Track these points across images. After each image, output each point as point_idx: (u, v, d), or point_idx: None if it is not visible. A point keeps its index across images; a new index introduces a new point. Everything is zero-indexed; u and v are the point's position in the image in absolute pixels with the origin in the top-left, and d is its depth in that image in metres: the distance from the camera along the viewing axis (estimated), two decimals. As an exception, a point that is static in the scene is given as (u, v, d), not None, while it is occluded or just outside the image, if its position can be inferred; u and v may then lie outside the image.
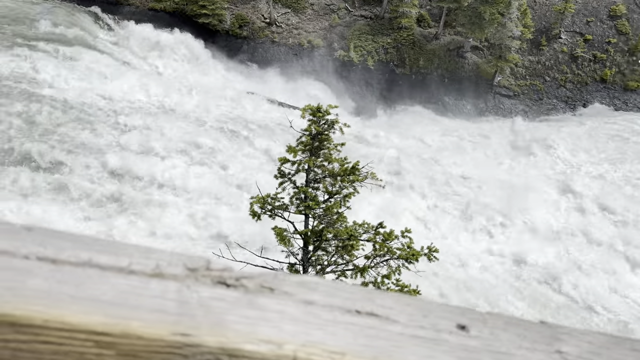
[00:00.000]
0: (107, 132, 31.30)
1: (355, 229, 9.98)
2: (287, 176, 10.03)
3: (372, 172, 10.14)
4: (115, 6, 43.77)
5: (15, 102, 31.11)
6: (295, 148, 9.62)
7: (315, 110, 9.53)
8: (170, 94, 36.58)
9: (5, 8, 40.48)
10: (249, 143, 29.94)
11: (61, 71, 35.23)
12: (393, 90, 42.36)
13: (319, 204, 9.88)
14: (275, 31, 43.57)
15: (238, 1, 44.15)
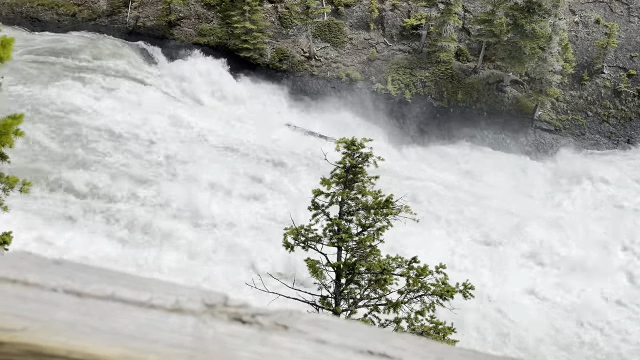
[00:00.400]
0: (148, 162, 32.09)
1: (388, 263, 9.90)
2: (321, 208, 10.07)
3: (407, 206, 10.09)
4: (160, 40, 45.32)
5: (62, 131, 32.35)
6: (329, 180, 9.68)
7: (350, 144, 9.61)
8: (211, 125, 37.42)
9: (56, 41, 42.43)
10: (285, 174, 30.19)
11: (106, 102, 36.55)
12: (430, 124, 42.25)
13: (352, 237, 9.87)
14: (314, 65, 44.25)
15: (279, 36, 45.13)
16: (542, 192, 36.43)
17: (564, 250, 28.67)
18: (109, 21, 46.52)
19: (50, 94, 34.95)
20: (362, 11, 44.54)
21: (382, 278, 9.75)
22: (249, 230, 25.78)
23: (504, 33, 39.85)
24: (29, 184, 5.08)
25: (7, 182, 4.90)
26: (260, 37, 43.39)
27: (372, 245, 10.01)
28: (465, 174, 36.97)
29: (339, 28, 44.62)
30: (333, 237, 9.89)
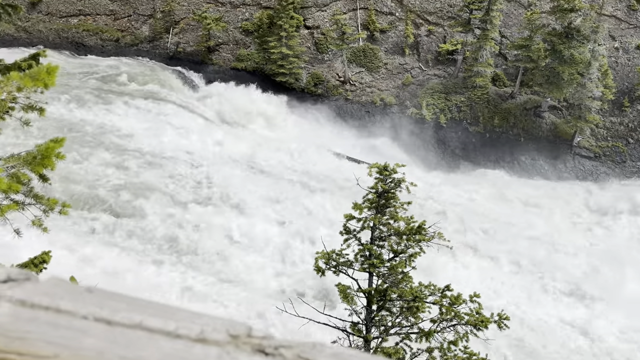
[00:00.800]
0: (187, 184, 32.56)
1: (420, 290, 9.75)
2: (353, 233, 10.03)
3: (440, 232, 9.97)
4: (199, 65, 46.40)
5: (103, 152, 33.19)
6: (361, 205, 9.66)
7: (382, 169, 9.59)
8: (247, 148, 37.87)
9: (101, 66, 43.87)
10: (316, 196, 30.21)
11: (147, 125, 37.42)
12: (466, 148, 41.86)
13: (383, 263, 9.78)
14: (349, 89, 44.55)
15: (314, 61, 45.68)
16: (583, 220, 35.46)
17: (604, 282, 27.71)
18: (151, 46, 47.94)
19: (91, 116, 36.00)
20: (398, 37, 44.78)
21: (414, 306, 9.60)
22: (279, 253, 25.81)
23: (542, 58, 39.42)
24: (68, 205, 5.25)
25: (48, 203, 5.07)
26: (296, 62, 44.01)
27: (404, 272, 9.90)
28: (501, 200, 36.34)
29: (374, 53, 44.91)
30: (364, 262, 9.83)
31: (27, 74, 4.50)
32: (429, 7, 44.04)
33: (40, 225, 5.26)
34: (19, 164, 4.49)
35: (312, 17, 46.40)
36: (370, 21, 45.04)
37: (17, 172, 4.37)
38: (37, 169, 4.54)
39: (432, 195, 34.38)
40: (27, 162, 4.47)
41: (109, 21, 48.94)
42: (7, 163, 4.56)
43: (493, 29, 40.89)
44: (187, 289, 24.38)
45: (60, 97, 37.15)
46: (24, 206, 4.88)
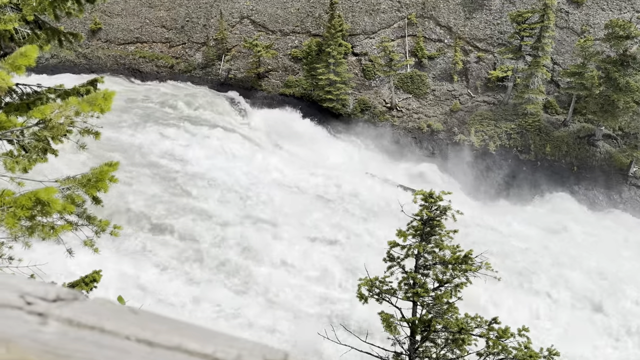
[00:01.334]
0: (235, 206, 33.01)
1: (466, 322, 9.50)
2: (396, 260, 9.91)
3: (487, 262, 9.72)
4: (249, 91, 47.41)
5: (153, 174, 34.11)
6: (406, 232, 9.55)
7: (427, 196, 9.49)
8: (294, 172, 38.21)
9: (156, 93, 45.39)
10: (360, 222, 30.07)
11: (198, 149, 38.31)
12: (516, 177, 40.94)
13: (428, 292, 9.59)
14: (395, 115, 44.51)
15: (361, 87, 45.96)
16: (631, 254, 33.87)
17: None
18: (203, 73, 49.37)
19: (144, 140, 37.13)
20: (446, 63, 44.60)
21: (459, 338, 9.35)
22: (323, 278, 25.72)
23: (596, 86, 38.41)
24: (119, 227, 5.42)
25: (100, 225, 5.26)
26: (344, 89, 44.39)
27: (450, 302, 9.67)
28: (552, 230, 35.19)
29: (422, 80, 44.83)
30: (408, 291, 9.67)
31: (85, 99, 4.73)
32: (478, 34, 43.77)
33: (91, 245, 5.45)
34: (74, 186, 4.69)
35: (360, 44, 46.84)
36: (419, 48, 45.09)
37: (72, 194, 4.57)
38: (91, 191, 4.73)
39: (479, 223, 33.66)
40: (81, 184, 4.67)
41: (165, 48, 50.76)
42: (63, 185, 4.77)
43: (545, 56, 40.20)
44: (235, 311, 24.52)
45: (115, 121, 38.57)
46: (77, 227, 5.09)
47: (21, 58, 4.28)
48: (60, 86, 8.63)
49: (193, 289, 25.32)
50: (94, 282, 9.20)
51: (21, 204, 3.50)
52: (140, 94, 45.20)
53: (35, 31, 7.77)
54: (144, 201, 30.90)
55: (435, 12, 45.13)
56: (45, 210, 3.65)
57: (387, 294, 9.90)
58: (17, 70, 4.26)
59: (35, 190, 3.70)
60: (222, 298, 25.11)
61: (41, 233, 4.33)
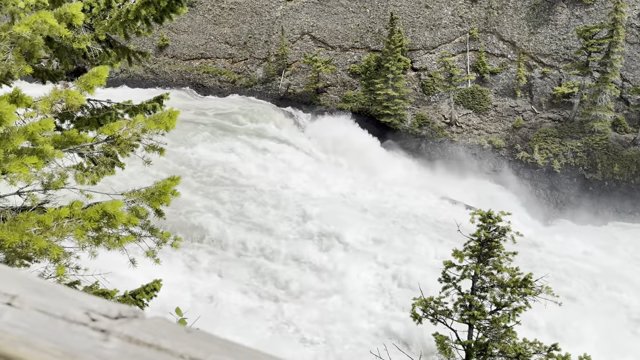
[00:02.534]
0: (292, 219, 33.32)
1: (525, 348, 9.18)
2: (452, 281, 9.72)
3: (548, 286, 9.39)
4: (308, 106, 47.97)
5: (215, 186, 34.95)
6: (462, 253, 9.36)
7: (486, 216, 9.28)
8: (351, 187, 38.25)
9: (217, 108, 46.65)
10: (416, 239, 29.65)
11: (257, 161, 39.04)
12: (582, 197, 39.38)
13: (484, 315, 9.34)
14: (454, 131, 43.86)
15: (420, 102, 45.60)
16: None
17: None
18: (264, 88, 50.38)
19: (207, 152, 38.14)
20: (509, 79, 43.65)
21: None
22: (378, 296, 25.49)
23: (669, 103, 36.59)
24: (179, 239, 5.62)
25: (161, 236, 5.47)
26: (402, 104, 44.19)
27: (507, 327, 9.38)
28: (623, 255, 33.54)
29: (483, 95, 44.03)
30: (464, 313, 9.45)
31: (152, 117, 4.96)
32: (543, 49, 42.64)
33: (153, 256, 5.67)
34: (139, 199, 4.91)
35: (419, 60, 46.57)
36: (480, 63, 44.37)
37: (137, 207, 4.79)
38: (154, 204, 4.94)
39: (539, 244, 32.53)
40: (145, 197, 4.89)
41: (227, 64, 52.16)
42: (128, 198, 5.00)
43: (614, 72, 38.66)
44: (288, 322, 24.65)
45: (177, 134, 39.87)
46: (140, 238, 5.32)
47: (93, 78, 4.55)
48: (128, 102, 9.05)
49: (248, 301, 25.63)
50: (154, 290, 9.51)
51: (89, 216, 3.71)
52: (203, 108, 46.56)
53: (107, 50, 8.19)
54: (203, 213, 31.66)
55: (499, 27, 44.35)
56: (111, 222, 3.85)
57: (442, 315, 9.72)
58: (89, 89, 4.52)
59: (103, 204, 3.92)
60: (275, 309, 25.28)
61: (107, 243, 4.55)
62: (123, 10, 7.06)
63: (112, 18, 7.19)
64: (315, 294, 26.82)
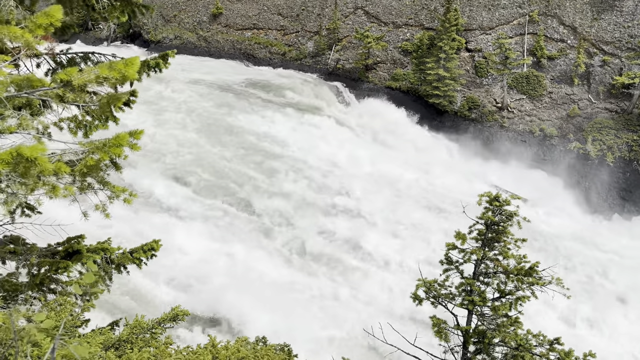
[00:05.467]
0: (330, 195, 33.18)
1: (526, 339, 8.69)
2: (454, 264, 9.28)
3: (559, 278, 8.81)
4: (355, 82, 47.29)
5: (255, 156, 35.11)
6: (465, 235, 8.89)
7: (493, 199, 8.75)
8: (393, 167, 37.64)
9: (265, 79, 46.64)
10: (446, 223, 28.92)
11: (299, 135, 38.90)
12: (635, 192, 37.41)
13: (485, 301, 8.89)
14: (505, 116, 42.34)
15: (471, 84, 44.17)
16: None
17: None
18: (313, 62, 49.97)
19: (250, 122, 38.28)
20: (567, 65, 41.61)
21: (518, 355, 8.57)
22: (398, 272, 25.09)
23: None
24: (134, 195, 5.47)
25: (114, 190, 5.34)
26: (452, 85, 42.91)
27: (509, 315, 8.90)
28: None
29: (539, 80, 42.19)
30: (465, 298, 9.02)
31: (105, 64, 4.80)
32: (606, 36, 40.33)
33: (104, 210, 5.56)
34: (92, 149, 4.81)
35: (474, 40, 44.99)
36: (538, 47, 42.44)
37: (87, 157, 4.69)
38: (104, 156, 4.80)
39: (586, 237, 31.17)
40: (97, 148, 4.76)
41: (279, 36, 51.96)
42: (83, 147, 4.89)
43: (682, 62, 36.23)
44: (314, 295, 24.62)
45: (226, 103, 40.14)
46: (93, 190, 5.21)
47: (42, 17, 4.39)
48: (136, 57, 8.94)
49: (274, 266, 25.73)
50: (152, 250, 9.51)
51: (1, 157, 3.57)
52: (252, 79, 46.65)
53: (112, 2, 8.08)
54: (239, 180, 31.90)
55: (560, 11, 42.19)
56: (29, 167, 3.70)
57: (445, 299, 9.32)
58: (38, 28, 4.36)
59: (19, 146, 3.78)
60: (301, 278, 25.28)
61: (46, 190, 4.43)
62: (121, -39, 6.92)
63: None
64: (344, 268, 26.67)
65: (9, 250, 8.04)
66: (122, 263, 9.51)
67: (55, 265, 8.78)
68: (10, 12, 6.99)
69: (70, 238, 9.17)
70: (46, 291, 9.30)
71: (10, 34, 4.04)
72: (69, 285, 9.37)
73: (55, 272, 9.08)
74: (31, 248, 8.30)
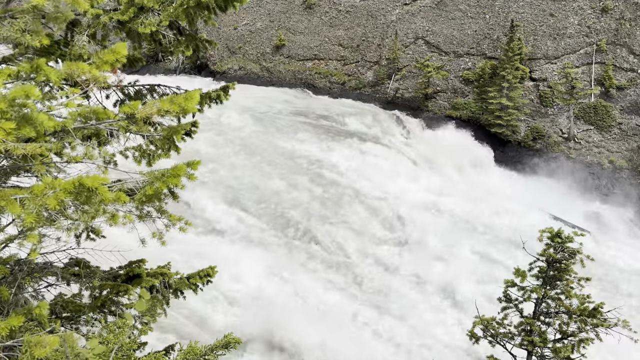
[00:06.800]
0: (384, 226, 32.90)
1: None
2: (513, 302, 8.93)
3: (625, 320, 8.31)
4: (415, 111, 47.09)
5: (313, 183, 35.33)
6: (525, 272, 8.56)
7: (555, 235, 8.41)
8: (451, 196, 36.94)
9: (324, 107, 47.18)
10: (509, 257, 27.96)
11: (358, 163, 38.90)
12: None
13: (546, 342, 8.48)
14: (572, 147, 40.93)
15: (536, 114, 43.08)
16: None
17: None
18: (372, 91, 50.22)
19: (310, 150, 38.64)
20: (637, 95, 39.95)
21: (581, 401, 8.10)
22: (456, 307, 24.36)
23: None
24: (190, 224, 5.61)
25: (171, 219, 5.50)
26: (516, 114, 41.98)
27: (571, 358, 8.43)
28: None
29: (607, 111, 40.66)
30: (524, 338, 8.64)
31: (167, 98, 5.00)
32: (681, 64, 38.57)
33: (160, 238, 5.72)
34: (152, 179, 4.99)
35: (539, 69, 44.01)
36: (607, 76, 41.02)
37: (147, 186, 4.88)
38: (162, 186, 4.96)
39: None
40: (157, 178, 4.94)
41: (339, 66, 52.63)
42: (144, 177, 5.08)
43: None
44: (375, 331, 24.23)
45: (286, 129, 40.81)
46: (152, 218, 5.39)
47: (109, 54, 4.64)
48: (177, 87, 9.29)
49: (329, 296, 25.55)
50: (208, 276, 9.69)
51: (64, 187, 3.76)
52: (311, 107, 47.30)
53: (177, 37, 8.45)
54: (299, 207, 32.12)
55: (630, 40, 40.74)
56: (91, 197, 3.88)
57: (503, 338, 8.95)
58: (105, 65, 4.62)
59: (81, 176, 3.97)
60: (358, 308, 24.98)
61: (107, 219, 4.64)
62: (186, -2, 7.25)
63: (176, 4, 7.40)
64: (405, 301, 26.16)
65: (73, 273, 8.41)
66: (179, 288, 9.74)
67: (117, 289, 9.08)
68: (83, 47, 7.44)
69: (131, 262, 9.48)
70: (107, 313, 9.61)
71: (79, 70, 4.30)
72: (128, 308, 9.65)
73: (116, 295, 9.39)
74: (94, 271, 8.65)
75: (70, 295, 9.44)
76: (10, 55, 7.67)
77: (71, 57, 7.28)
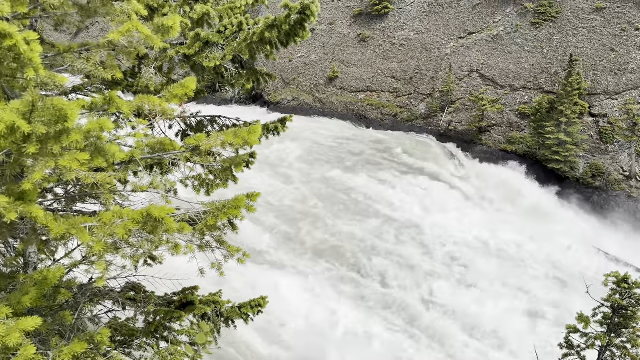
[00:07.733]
0: (438, 261, 32.28)
1: None
2: (575, 349, 8.50)
3: (699, 376, 7.75)
4: (469, 144, 46.44)
5: (369, 219, 35.10)
6: (589, 318, 8.15)
7: (621, 280, 8.00)
8: (510, 235, 35.94)
9: (376, 139, 47.20)
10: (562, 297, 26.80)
11: (410, 197, 38.52)
12: None
13: (611, 394, 7.99)
14: (634, 186, 39.31)
15: (595, 151, 41.72)
16: None
17: None
18: (424, 123, 49.95)
19: (361, 183, 38.60)
20: None
21: None
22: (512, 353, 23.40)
23: None
24: (247, 255, 5.65)
25: (230, 250, 5.55)
26: (574, 150, 40.77)
27: (639, 413, 7.91)
28: None
29: (673, 149, 38.98)
30: (587, 388, 8.18)
31: (230, 131, 5.11)
32: None
33: (219, 268, 5.76)
34: (213, 210, 5.07)
35: (599, 105, 42.78)
36: (672, 113, 39.45)
37: (208, 217, 4.96)
38: (222, 217, 5.03)
39: None
40: (217, 209, 5.01)
41: (391, 98, 52.74)
42: (205, 207, 5.18)
43: None
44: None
45: (336, 161, 40.98)
46: (212, 248, 5.45)
47: (178, 88, 4.79)
48: (256, 122, 9.46)
49: (378, 331, 25.09)
50: (259, 306, 9.70)
51: (132, 217, 3.87)
52: (363, 139, 47.40)
53: (239, 70, 8.68)
54: (348, 239, 31.96)
55: (698, 74, 39.18)
56: (156, 227, 3.96)
57: (565, 386, 8.51)
58: (174, 98, 4.76)
59: (148, 207, 4.07)
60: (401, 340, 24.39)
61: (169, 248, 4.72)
62: (250, 33, 7.45)
63: (240, 40, 7.61)
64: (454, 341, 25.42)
65: (129, 298, 8.59)
66: (231, 317, 9.79)
67: (170, 315, 9.20)
68: (150, 79, 7.73)
69: (185, 289, 9.61)
70: (159, 338, 9.73)
71: (150, 103, 4.45)
72: (180, 334, 9.75)
73: (169, 321, 9.50)
74: (150, 296, 8.80)
75: (124, 319, 9.62)
76: (79, 85, 8.05)
77: (138, 88, 7.58)
